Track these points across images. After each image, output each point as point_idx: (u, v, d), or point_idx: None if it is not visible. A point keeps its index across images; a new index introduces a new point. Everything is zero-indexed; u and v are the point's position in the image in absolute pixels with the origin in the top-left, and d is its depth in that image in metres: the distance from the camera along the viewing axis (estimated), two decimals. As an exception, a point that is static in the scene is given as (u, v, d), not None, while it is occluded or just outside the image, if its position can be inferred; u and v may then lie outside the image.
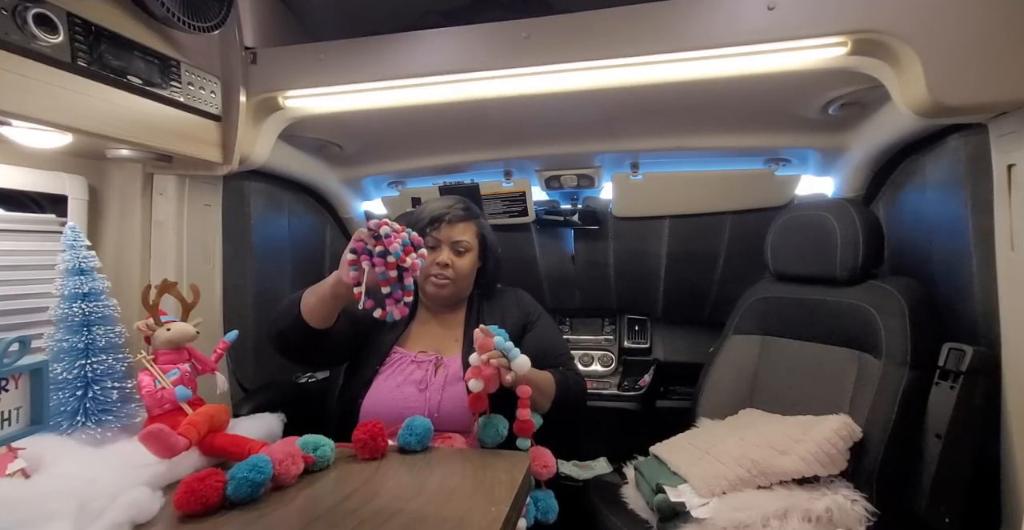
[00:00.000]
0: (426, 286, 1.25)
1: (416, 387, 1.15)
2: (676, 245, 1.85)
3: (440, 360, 1.19)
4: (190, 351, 1.01)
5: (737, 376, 1.41)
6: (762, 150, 1.54)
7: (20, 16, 0.79)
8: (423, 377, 1.16)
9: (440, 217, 1.21)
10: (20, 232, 1.06)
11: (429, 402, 1.12)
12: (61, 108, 0.88)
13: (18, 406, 0.80)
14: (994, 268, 1.01)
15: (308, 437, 0.91)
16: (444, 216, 1.21)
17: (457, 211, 1.23)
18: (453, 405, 1.12)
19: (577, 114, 1.36)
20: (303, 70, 1.21)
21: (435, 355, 1.20)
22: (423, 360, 1.19)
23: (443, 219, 1.21)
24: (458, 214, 1.23)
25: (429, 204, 1.27)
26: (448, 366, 1.18)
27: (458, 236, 1.23)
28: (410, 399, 1.13)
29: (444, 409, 1.12)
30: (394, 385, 1.15)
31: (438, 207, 1.23)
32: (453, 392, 1.13)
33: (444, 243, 1.22)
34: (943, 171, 1.19)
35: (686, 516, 1.03)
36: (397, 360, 1.20)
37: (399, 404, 1.12)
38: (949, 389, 1.02)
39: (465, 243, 1.23)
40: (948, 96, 0.93)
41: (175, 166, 1.25)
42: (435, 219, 1.21)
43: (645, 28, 1.04)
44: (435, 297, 1.26)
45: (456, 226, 1.23)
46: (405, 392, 1.14)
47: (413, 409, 1.11)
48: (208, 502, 0.74)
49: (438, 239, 1.22)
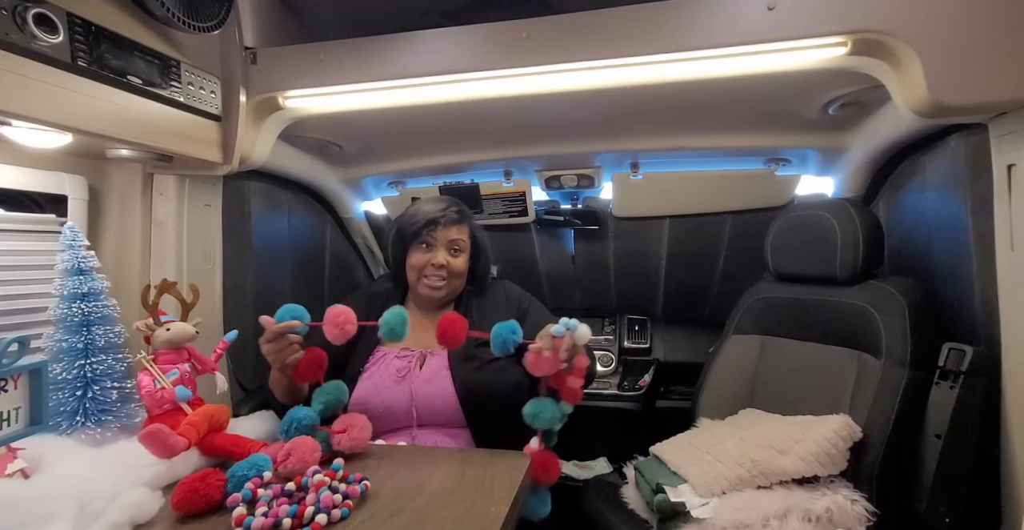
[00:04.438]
0: (419, 289, 1.25)
1: (397, 376, 1.16)
2: (676, 245, 1.85)
3: (425, 355, 1.20)
4: (190, 351, 1.01)
5: (737, 376, 1.41)
6: (762, 150, 1.54)
7: (20, 16, 0.79)
8: (403, 367, 1.17)
9: (436, 220, 1.22)
10: (20, 232, 1.06)
11: (413, 391, 1.13)
12: (61, 108, 0.88)
13: (17, 406, 0.80)
14: (994, 268, 1.01)
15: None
16: (440, 219, 1.22)
17: (452, 214, 1.24)
18: (437, 398, 1.13)
19: (577, 114, 1.36)
20: (303, 70, 1.21)
21: (419, 350, 1.21)
22: (406, 355, 1.20)
23: (439, 221, 1.22)
24: (453, 217, 1.24)
25: (423, 206, 1.27)
26: (431, 360, 1.19)
27: (456, 235, 1.25)
28: (390, 390, 1.14)
29: (425, 401, 1.12)
30: (377, 381, 1.16)
31: (433, 210, 1.24)
32: (439, 383, 1.14)
33: (439, 244, 1.23)
34: (943, 171, 1.19)
35: (686, 516, 1.03)
36: (379, 358, 1.21)
37: (381, 396, 1.13)
38: (949, 389, 1.02)
39: (460, 243, 1.25)
40: (948, 96, 0.93)
41: (175, 166, 1.25)
42: (431, 221, 1.22)
43: (645, 28, 1.04)
44: (429, 299, 1.27)
45: (451, 228, 1.24)
46: (385, 384, 1.15)
47: (394, 400, 1.12)
48: (211, 501, 0.74)
49: (434, 240, 1.23)
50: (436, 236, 1.23)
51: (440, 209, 1.24)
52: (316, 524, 0.70)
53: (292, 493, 0.76)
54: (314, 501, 0.72)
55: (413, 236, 1.24)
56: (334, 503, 0.73)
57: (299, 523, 0.70)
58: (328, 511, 0.72)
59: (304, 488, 0.76)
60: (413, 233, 1.23)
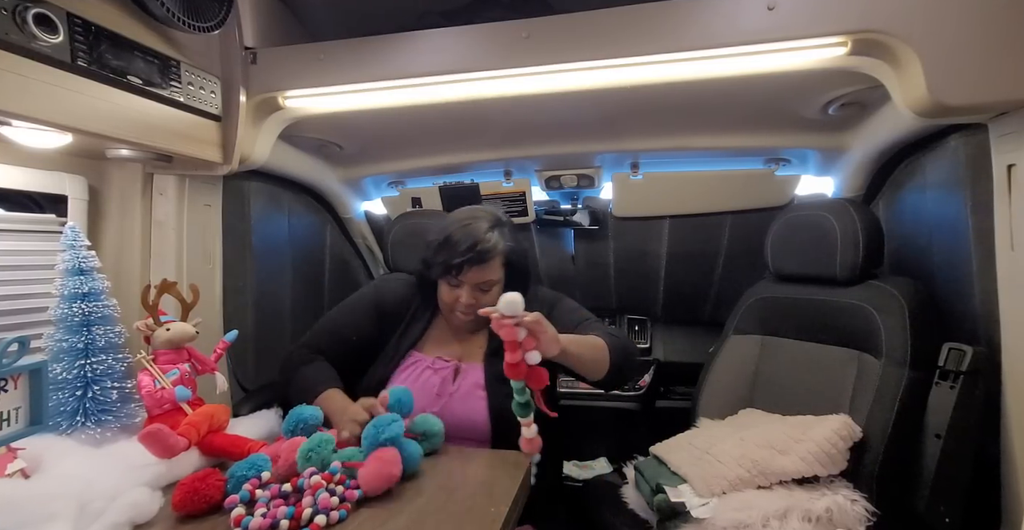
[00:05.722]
0: (450, 318, 1.19)
1: (432, 393, 1.10)
2: (676, 245, 1.85)
3: (460, 367, 1.15)
4: (190, 351, 1.01)
5: (737, 376, 1.41)
6: (762, 150, 1.54)
7: (20, 16, 0.79)
8: (440, 383, 1.12)
9: (460, 266, 1.09)
10: (20, 232, 1.06)
11: (444, 409, 1.08)
12: (61, 108, 0.88)
13: (17, 406, 0.80)
14: (994, 268, 1.01)
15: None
16: (464, 264, 1.09)
17: (480, 255, 1.08)
18: (466, 418, 1.08)
19: (577, 114, 1.36)
20: (303, 70, 1.21)
21: (455, 362, 1.15)
22: (441, 367, 1.15)
23: (463, 267, 1.09)
24: (480, 259, 1.08)
25: (453, 230, 1.10)
26: (467, 374, 1.13)
27: (484, 277, 1.12)
28: (425, 406, 1.08)
29: (455, 419, 1.07)
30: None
31: (460, 248, 1.08)
32: (472, 403, 1.10)
33: (467, 283, 1.12)
34: (943, 171, 1.19)
35: (686, 516, 1.03)
36: (412, 364, 1.16)
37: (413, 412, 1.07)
38: (949, 389, 1.02)
39: (489, 282, 1.13)
40: (948, 96, 0.93)
41: (175, 166, 1.25)
42: (454, 267, 1.09)
43: (645, 28, 1.04)
44: (462, 326, 1.20)
45: (477, 269, 1.10)
46: (420, 398, 1.08)
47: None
48: (211, 502, 0.74)
49: (459, 283, 1.12)
50: (464, 277, 1.11)
51: (466, 248, 1.08)
52: (315, 525, 0.70)
53: (288, 495, 0.75)
54: (311, 503, 0.72)
55: (440, 273, 1.13)
56: (331, 505, 0.73)
57: (297, 525, 0.70)
58: (327, 512, 0.72)
59: (300, 490, 0.76)
60: (439, 273, 1.13)
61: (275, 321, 1.65)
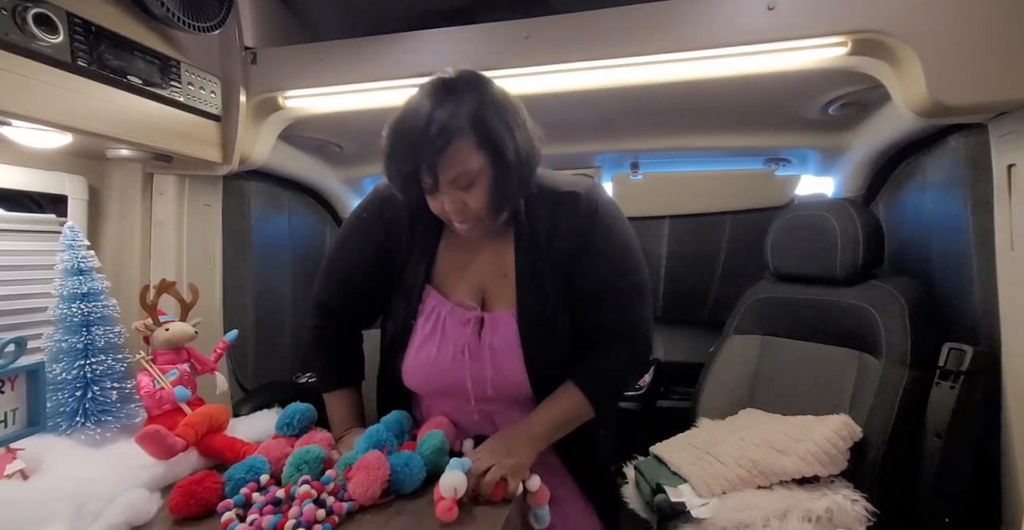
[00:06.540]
0: (454, 230, 0.90)
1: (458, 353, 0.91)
2: (676, 245, 1.85)
3: (484, 318, 0.92)
4: (189, 351, 1.01)
5: (737, 376, 1.41)
6: (762, 150, 1.54)
7: (20, 16, 0.79)
8: (466, 340, 0.91)
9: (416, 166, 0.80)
10: (20, 232, 1.06)
11: (476, 375, 0.90)
12: (61, 108, 0.88)
13: (15, 408, 0.80)
14: (994, 268, 1.01)
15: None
16: (421, 157, 0.79)
17: (434, 139, 0.76)
18: (505, 375, 0.90)
19: (577, 114, 1.36)
20: (303, 70, 1.21)
21: (476, 311, 0.92)
22: (465, 316, 0.92)
23: (420, 162, 0.79)
24: (438, 143, 0.77)
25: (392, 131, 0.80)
26: (495, 325, 0.91)
27: (452, 172, 0.79)
28: (453, 370, 0.91)
29: (493, 380, 0.90)
30: (433, 350, 0.92)
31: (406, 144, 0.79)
32: (508, 362, 0.90)
33: (441, 186, 0.81)
34: (943, 171, 1.19)
35: (686, 516, 1.03)
36: (432, 310, 0.94)
37: (441, 376, 0.92)
38: (949, 389, 1.02)
39: (466, 174, 0.80)
40: (948, 96, 0.93)
41: (175, 166, 1.25)
42: (415, 170, 0.80)
43: (645, 28, 1.04)
44: (471, 236, 0.91)
45: (445, 159, 0.78)
46: (444, 360, 0.91)
47: (454, 380, 0.90)
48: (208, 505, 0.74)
49: (429, 185, 0.82)
50: (429, 182, 0.81)
51: (410, 143, 0.78)
52: None
53: (280, 501, 0.74)
54: (296, 514, 0.70)
55: (400, 187, 0.85)
56: (316, 518, 0.70)
57: None
58: (309, 525, 0.69)
59: (293, 497, 0.75)
60: (399, 185, 0.85)
61: (275, 321, 1.65)
